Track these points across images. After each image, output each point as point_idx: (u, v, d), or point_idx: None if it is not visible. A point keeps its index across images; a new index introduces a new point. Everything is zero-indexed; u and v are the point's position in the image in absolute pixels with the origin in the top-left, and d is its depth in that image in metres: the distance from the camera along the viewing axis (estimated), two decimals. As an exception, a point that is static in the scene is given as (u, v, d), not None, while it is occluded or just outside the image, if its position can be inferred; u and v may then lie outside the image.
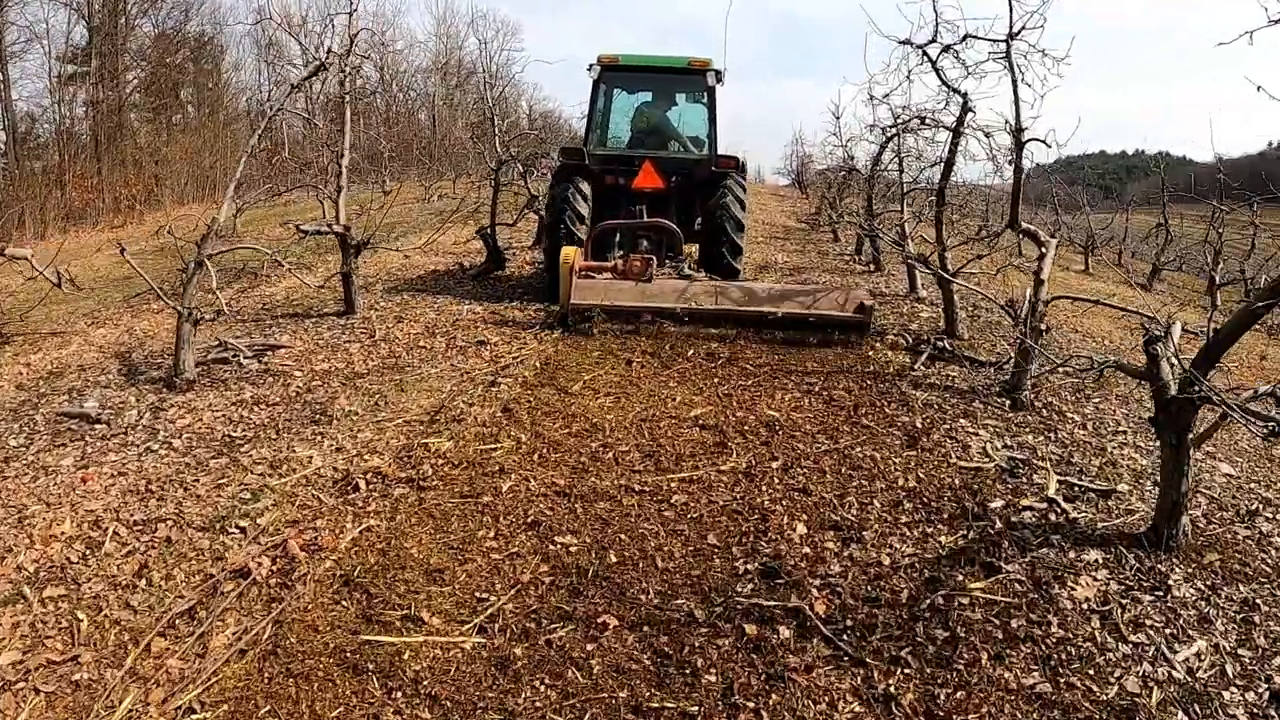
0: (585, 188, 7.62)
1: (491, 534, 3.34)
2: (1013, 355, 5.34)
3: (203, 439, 4.50)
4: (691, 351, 6.06)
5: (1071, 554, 3.10)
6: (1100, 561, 3.05)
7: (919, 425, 4.55)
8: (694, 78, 8.14)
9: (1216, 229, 15.62)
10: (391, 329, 6.90)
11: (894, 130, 8.55)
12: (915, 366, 5.75)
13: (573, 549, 3.22)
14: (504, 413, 4.76)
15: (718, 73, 7.98)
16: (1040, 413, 4.88)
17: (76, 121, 24.17)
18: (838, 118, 13.11)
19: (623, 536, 3.31)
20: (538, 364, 5.74)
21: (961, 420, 4.71)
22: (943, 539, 3.27)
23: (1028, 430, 4.58)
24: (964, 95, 5.92)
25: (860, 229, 11.74)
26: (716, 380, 5.40)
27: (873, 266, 11.32)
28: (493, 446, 4.25)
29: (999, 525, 3.35)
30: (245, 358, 5.95)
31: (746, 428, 4.51)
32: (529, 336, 6.60)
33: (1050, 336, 6.43)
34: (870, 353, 6.22)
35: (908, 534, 3.33)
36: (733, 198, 7.59)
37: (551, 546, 3.23)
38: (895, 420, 4.67)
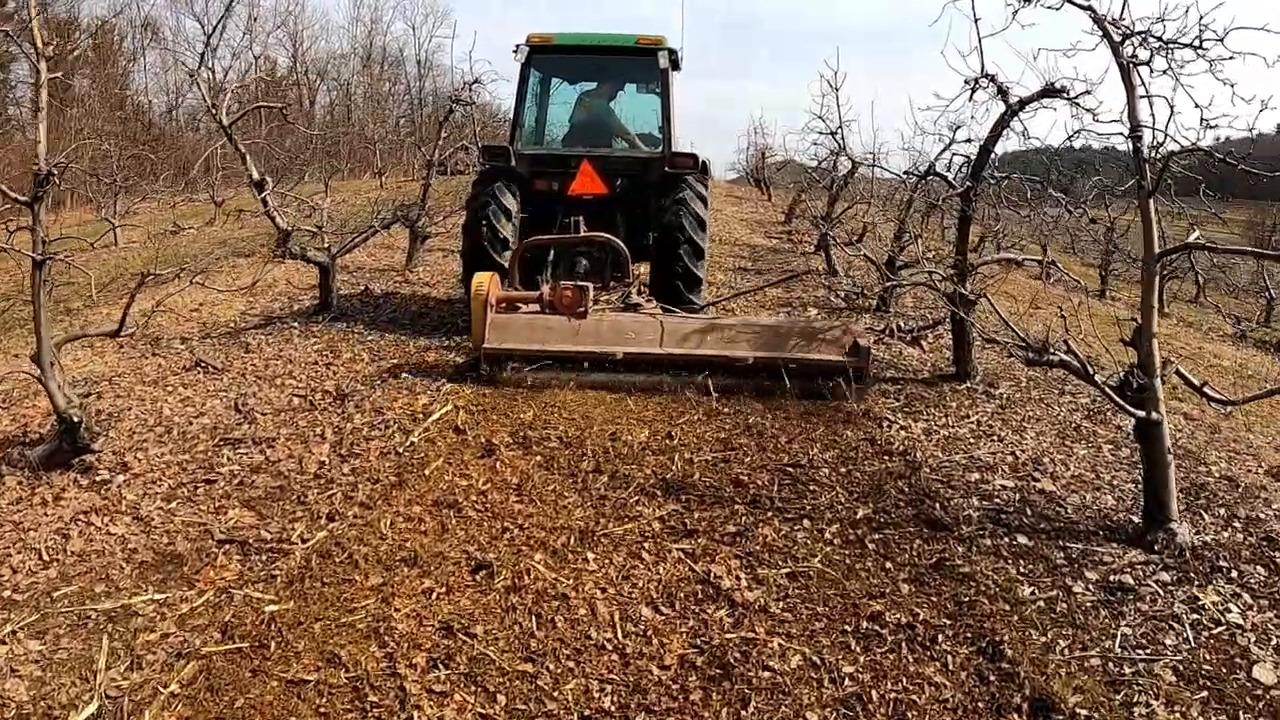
0: (512, 196, 6.27)
1: None
2: None
3: None
4: None
5: None
6: None
7: None
8: (643, 60, 6.66)
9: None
10: None
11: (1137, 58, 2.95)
12: None
13: None
14: None
15: (672, 53, 6.54)
16: None
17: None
18: (836, 89, 8.04)
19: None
20: None
21: None
22: None
23: None
24: None
25: (943, 296, 5.15)
26: None
27: (935, 355, 5.93)
28: None
29: None
30: None
31: None
32: None
33: None
34: None
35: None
36: (688, 212, 6.07)
37: None
38: None
